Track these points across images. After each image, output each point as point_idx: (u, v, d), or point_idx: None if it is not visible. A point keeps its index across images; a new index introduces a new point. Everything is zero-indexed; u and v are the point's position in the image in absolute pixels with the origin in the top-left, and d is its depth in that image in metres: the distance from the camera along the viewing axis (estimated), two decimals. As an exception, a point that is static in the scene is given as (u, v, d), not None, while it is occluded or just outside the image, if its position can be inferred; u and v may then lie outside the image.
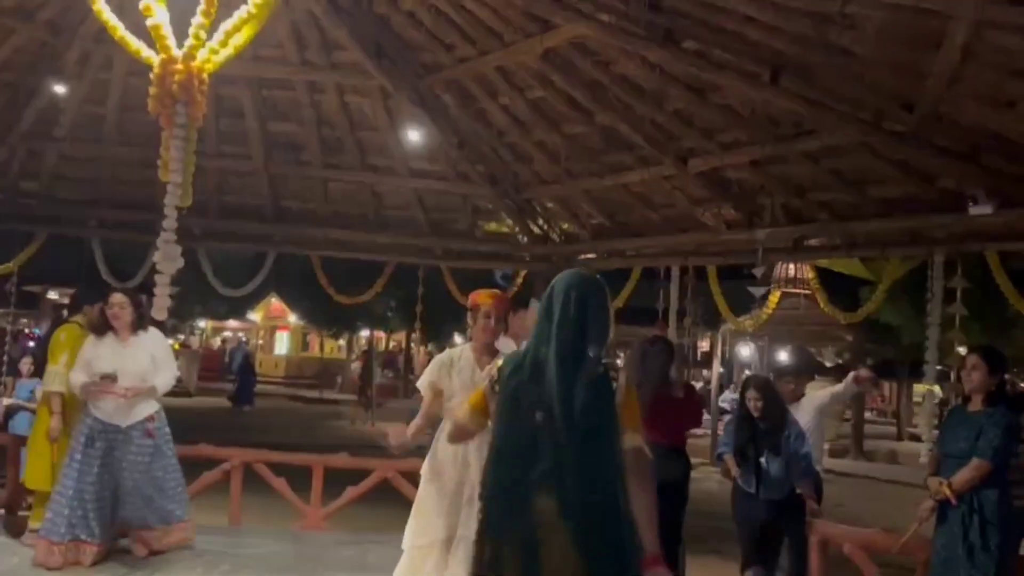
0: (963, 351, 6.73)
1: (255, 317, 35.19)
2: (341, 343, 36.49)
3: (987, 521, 4.26)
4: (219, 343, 37.78)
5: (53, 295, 23.77)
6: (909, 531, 4.77)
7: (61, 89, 8.92)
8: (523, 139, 9.35)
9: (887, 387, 29.06)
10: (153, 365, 5.50)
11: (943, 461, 4.54)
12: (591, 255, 10.68)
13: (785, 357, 17.29)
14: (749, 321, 10.54)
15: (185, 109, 5.77)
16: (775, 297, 15.15)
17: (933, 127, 6.15)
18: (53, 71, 8.79)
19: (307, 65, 9.03)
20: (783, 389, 6.24)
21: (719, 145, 7.89)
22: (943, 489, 4.34)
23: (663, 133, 8.16)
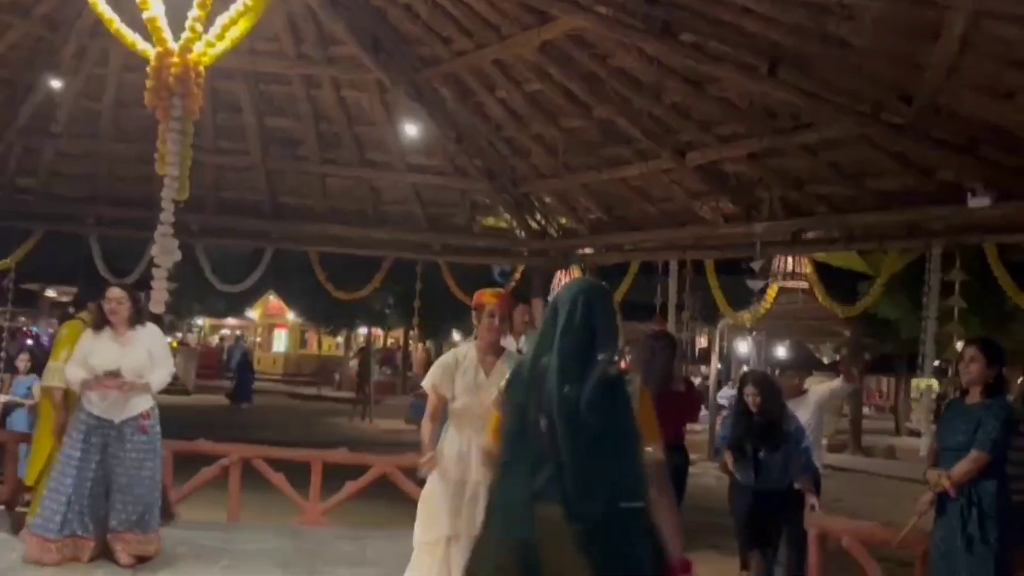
0: (961, 345, 6.71)
1: (253, 315, 35.19)
2: (339, 340, 36.51)
3: (985, 514, 4.24)
4: (217, 341, 37.77)
5: (51, 292, 23.76)
6: (908, 524, 4.76)
7: (57, 84, 8.89)
8: (521, 133, 9.33)
9: (885, 382, 29.09)
10: (150, 361, 5.44)
11: (941, 454, 4.52)
12: (589, 249, 10.66)
13: (783, 352, 17.31)
14: (747, 315, 10.54)
15: (181, 102, 5.76)
16: (773, 291, 15.16)
17: (931, 119, 6.13)
18: (49, 66, 8.74)
19: (304, 59, 9.00)
20: (786, 384, 6.23)
21: (717, 138, 7.88)
22: (942, 481, 4.33)
23: (661, 126, 8.14)
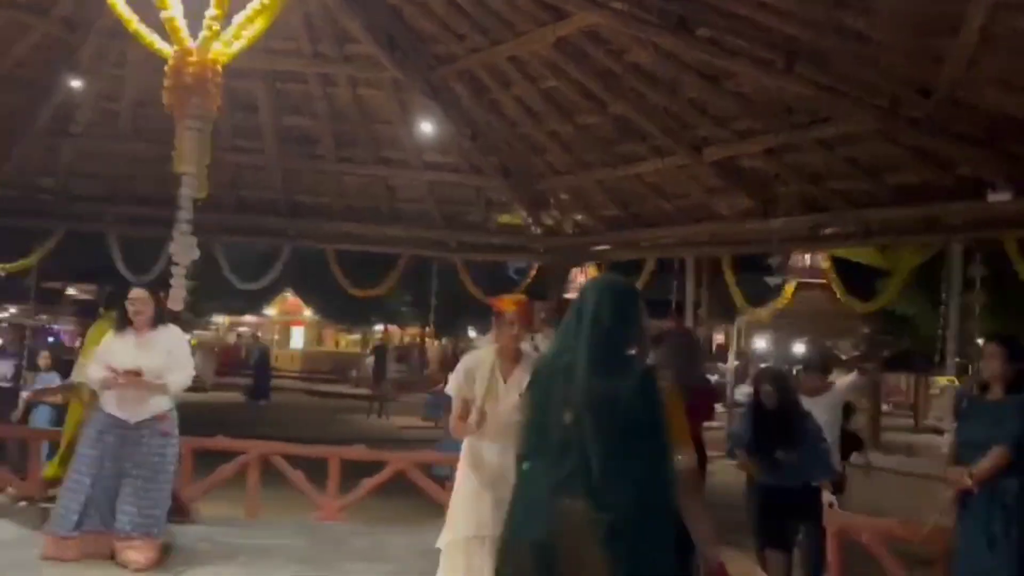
0: (982, 341, 6.66)
1: (270, 312, 35.36)
2: (356, 337, 36.62)
3: (1009, 511, 4.21)
4: (235, 338, 37.96)
5: (72, 291, 23.95)
6: (930, 522, 4.73)
7: (77, 85, 8.97)
8: (536, 130, 9.33)
9: (904, 379, 28.87)
10: (169, 362, 5.34)
11: (964, 451, 4.48)
12: (605, 246, 10.65)
13: (802, 349, 17.22)
14: (764, 312, 10.48)
15: (199, 101, 5.79)
16: (791, 288, 15.08)
17: (950, 113, 6.08)
18: (69, 67, 8.83)
19: (320, 58, 9.04)
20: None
21: (733, 133, 7.85)
22: (964, 479, 4.29)
23: (677, 122, 8.12)
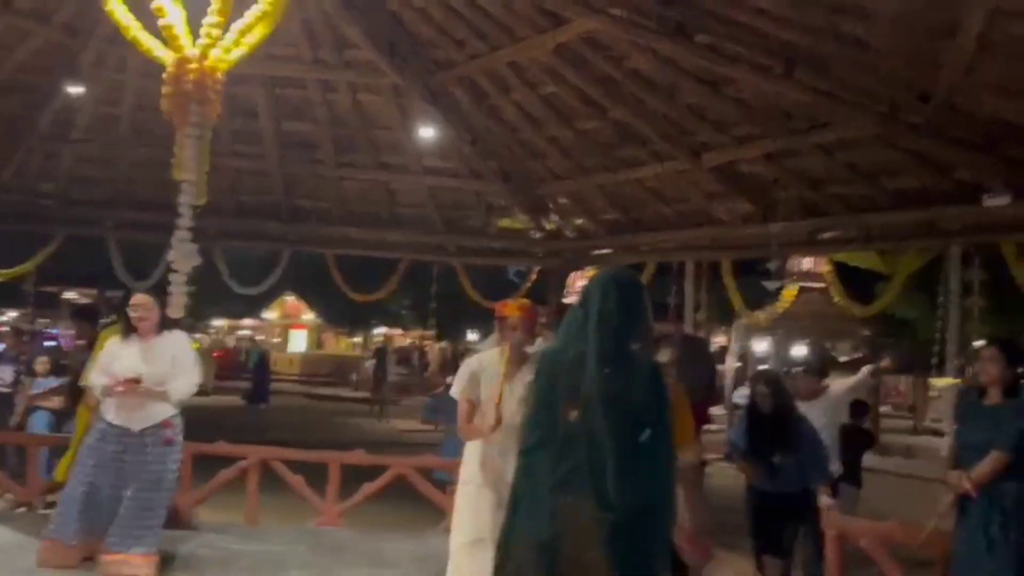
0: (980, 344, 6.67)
1: (271, 315, 35.34)
2: (356, 341, 36.61)
3: (1008, 514, 4.21)
4: (234, 342, 37.93)
5: (71, 295, 23.96)
6: (929, 525, 4.74)
7: (77, 91, 8.99)
8: (536, 135, 9.34)
9: (903, 381, 28.87)
10: (173, 369, 5.18)
11: (962, 454, 4.49)
12: (605, 251, 10.67)
13: (801, 352, 17.22)
14: (763, 316, 10.50)
15: (199, 108, 5.79)
16: (789, 292, 15.09)
17: (948, 118, 6.10)
18: (69, 73, 8.85)
19: (320, 63, 9.06)
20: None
21: (733, 139, 7.87)
22: (963, 482, 4.30)
23: (676, 127, 8.13)
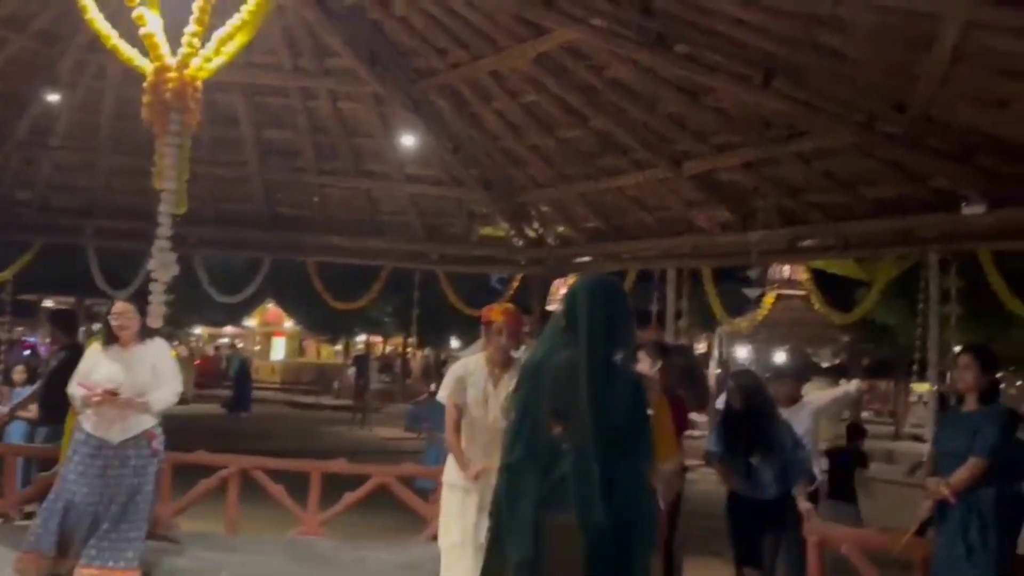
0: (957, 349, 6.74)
1: (251, 323, 35.13)
2: (338, 348, 36.45)
3: (986, 520, 4.26)
4: (213, 350, 37.66)
5: (49, 303, 23.72)
6: (909, 531, 4.78)
7: (55, 98, 8.92)
8: (517, 143, 9.36)
9: (884, 387, 29.09)
10: (154, 378, 5.10)
11: (941, 461, 4.54)
12: (586, 258, 10.69)
13: (782, 358, 17.34)
14: (744, 323, 10.57)
15: (179, 117, 5.77)
16: (770, 299, 15.22)
17: (925, 128, 6.17)
18: (47, 80, 8.77)
19: (300, 72, 9.03)
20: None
21: (712, 148, 7.91)
22: (941, 488, 4.35)
23: (656, 136, 8.18)
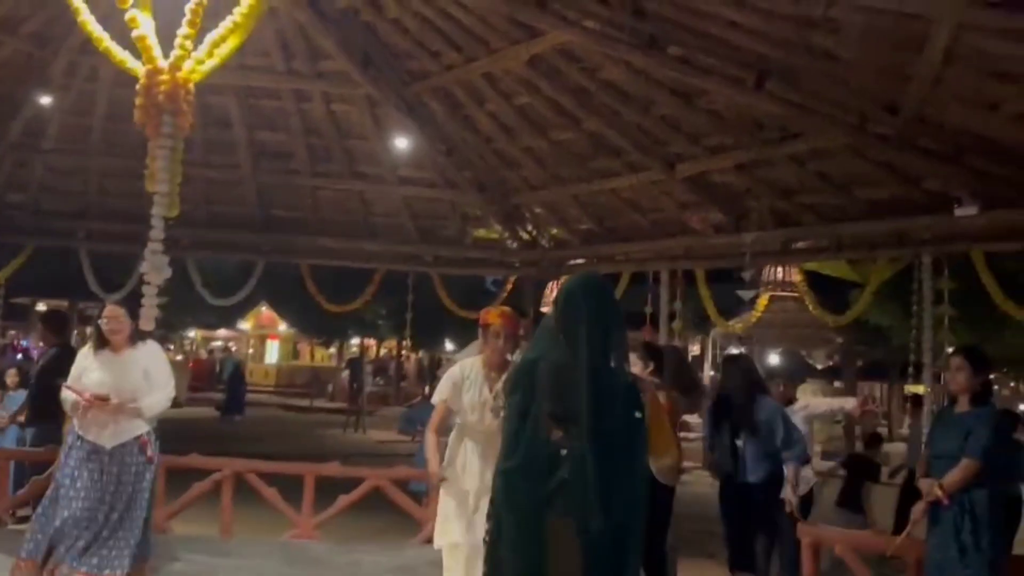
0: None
1: (245, 326, 35.06)
2: (332, 351, 36.40)
3: (978, 521, 4.26)
4: (207, 354, 37.58)
5: (42, 306, 23.66)
6: (902, 532, 4.79)
7: (47, 101, 8.90)
8: (511, 145, 9.36)
9: (878, 388, 29.16)
10: (147, 383, 4.98)
11: (934, 462, 4.55)
12: (580, 260, 10.69)
13: (776, 360, 17.37)
14: (738, 324, 10.58)
15: (171, 119, 5.76)
16: (764, 300, 15.23)
17: (917, 129, 6.19)
18: (39, 83, 8.75)
19: (293, 74, 9.02)
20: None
21: (706, 150, 7.93)
22: (934, 490, 4.35)
23: (650, 138, 8.19)
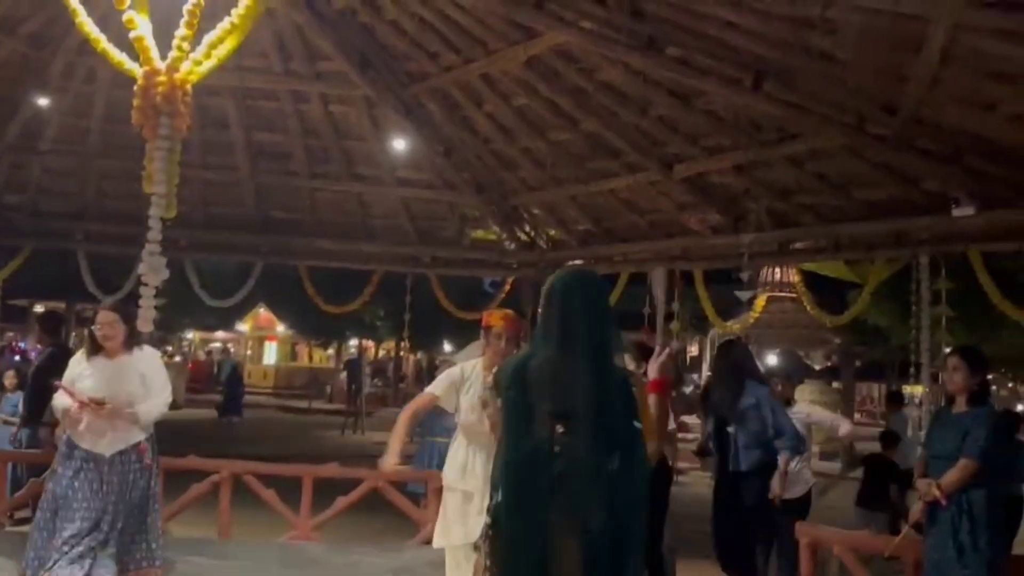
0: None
1: (243, 327, 35.04)
2: (330, 352, 36.39)
3: (976, 522, 4.27)
4: (205, 355, 37.55)
5: (39, 308, 23.64)
6: (900, 533, 4.79)
7: (45, 102, 8.89)
8: (509, 146, 9.36)
9: (876, 389, 29.20)
10: (143, 389, 4.84)
11: (932, 463, 4.55)
12: (578, 261, 10.69)
13: (774, 360, 17.39)
14: (736, 325, 10.58)
15: (169, 121, 5.76)
16: (762, 301, 15.25)
17: (915, 130, 6.19)
18: (37, 84, 8.75)
19: (291, 75, 9.01)
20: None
21: (703, 150, 7.93)
22: (932, 490, 4.36)
23: (648, 139, 8.19)
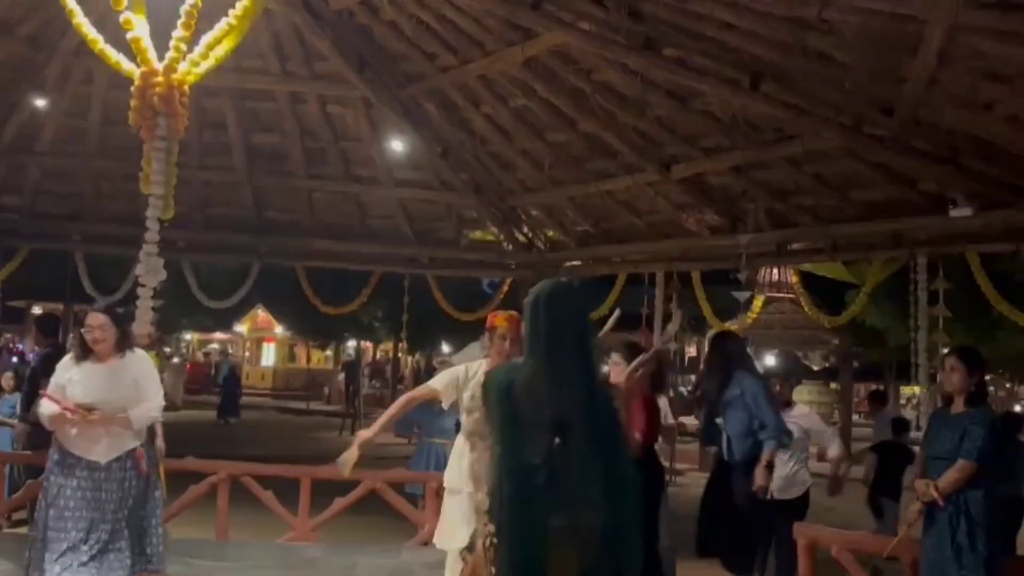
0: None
1: (241, 329, 35.02)
2: (328, 354, 36.37)
3: (974, 522, 4.27)
4: (203, 356, 37.53)
5: (37, 309, 23.63)
6: (898, 533, 4.79)
7: (42, 103, 8.89)
8: (507, 147, 9.36)
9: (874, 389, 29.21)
10: (136, 393, 4.69)
11: (929, 463, 4.55)
12: (576, 262, 10.71)
13: (772, 361, 17.41)
14: (734, 326, 10.58)
15: (166, 121, 5.76)
16: (760, 302, 15.26)
17: (913, 131, 6.20)
18: (34, 85, 8.75)
19: (289, 76, 9.01)
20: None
21: (701, 151, 7.93)
22: (930, 491, 4.36)
23: (646, 140, 8.19)
